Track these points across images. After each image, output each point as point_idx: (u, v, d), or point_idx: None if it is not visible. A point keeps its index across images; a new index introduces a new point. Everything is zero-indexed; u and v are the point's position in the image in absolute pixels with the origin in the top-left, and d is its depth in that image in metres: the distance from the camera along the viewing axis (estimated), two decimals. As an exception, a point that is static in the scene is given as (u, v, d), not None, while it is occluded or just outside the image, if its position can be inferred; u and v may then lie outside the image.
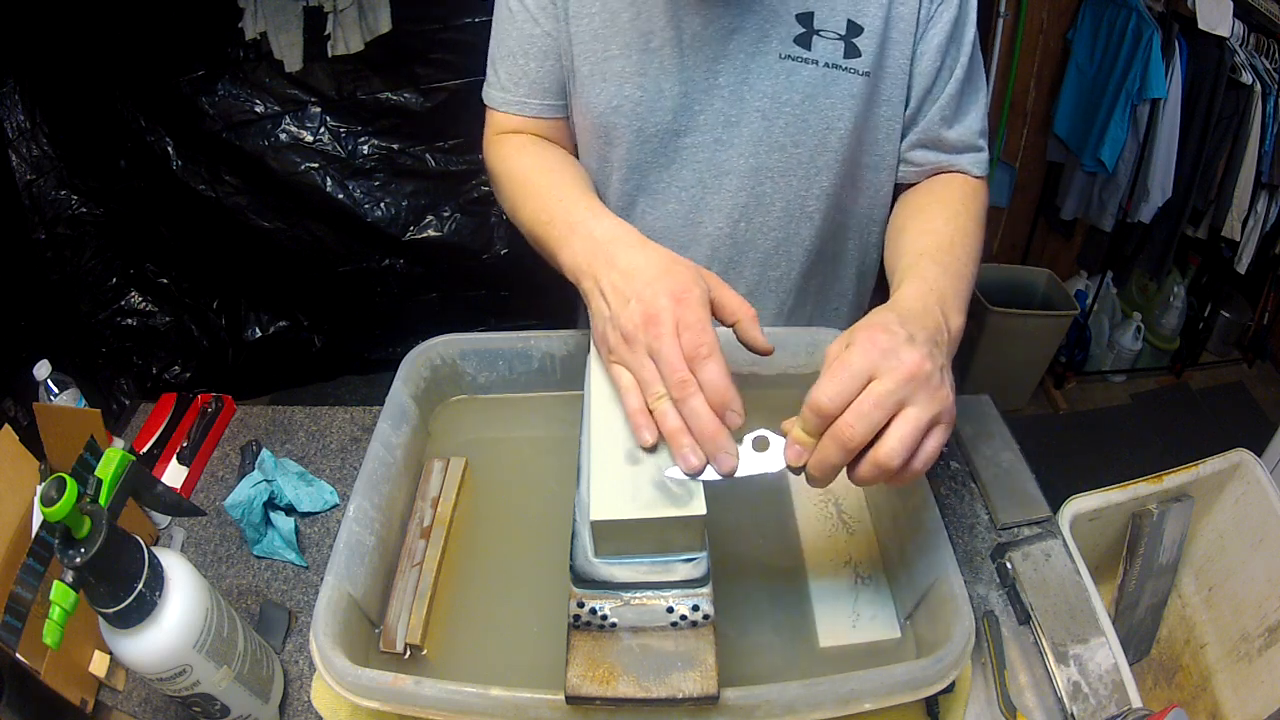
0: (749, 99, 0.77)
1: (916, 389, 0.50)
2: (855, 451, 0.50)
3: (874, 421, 0.50)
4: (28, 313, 1.90)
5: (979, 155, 0.82)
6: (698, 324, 0.54)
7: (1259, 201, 2.15)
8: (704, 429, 0.52)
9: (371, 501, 0.68)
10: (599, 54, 0.77)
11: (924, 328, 0.55)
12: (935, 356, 0.53)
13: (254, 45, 1.97)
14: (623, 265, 0.60)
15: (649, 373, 0.55)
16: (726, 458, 0.52)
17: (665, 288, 0.56)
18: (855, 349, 0.51)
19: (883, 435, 0.50)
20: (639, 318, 0.56)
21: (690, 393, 0.52)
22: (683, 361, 0.53)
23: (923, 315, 0.57)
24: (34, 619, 0.59)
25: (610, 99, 0.78)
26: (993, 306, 2.19)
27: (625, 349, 0.57)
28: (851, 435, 0.50)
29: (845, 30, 0.74)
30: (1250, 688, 0.89)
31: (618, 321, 0.57)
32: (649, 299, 0.56)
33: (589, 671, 0.50)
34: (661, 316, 0.55)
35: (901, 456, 0.50)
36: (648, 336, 0.55)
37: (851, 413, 0.50)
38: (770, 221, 0.83)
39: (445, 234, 2.25)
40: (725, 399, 0.52)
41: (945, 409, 0.52)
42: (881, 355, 0.51)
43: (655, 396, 0.54)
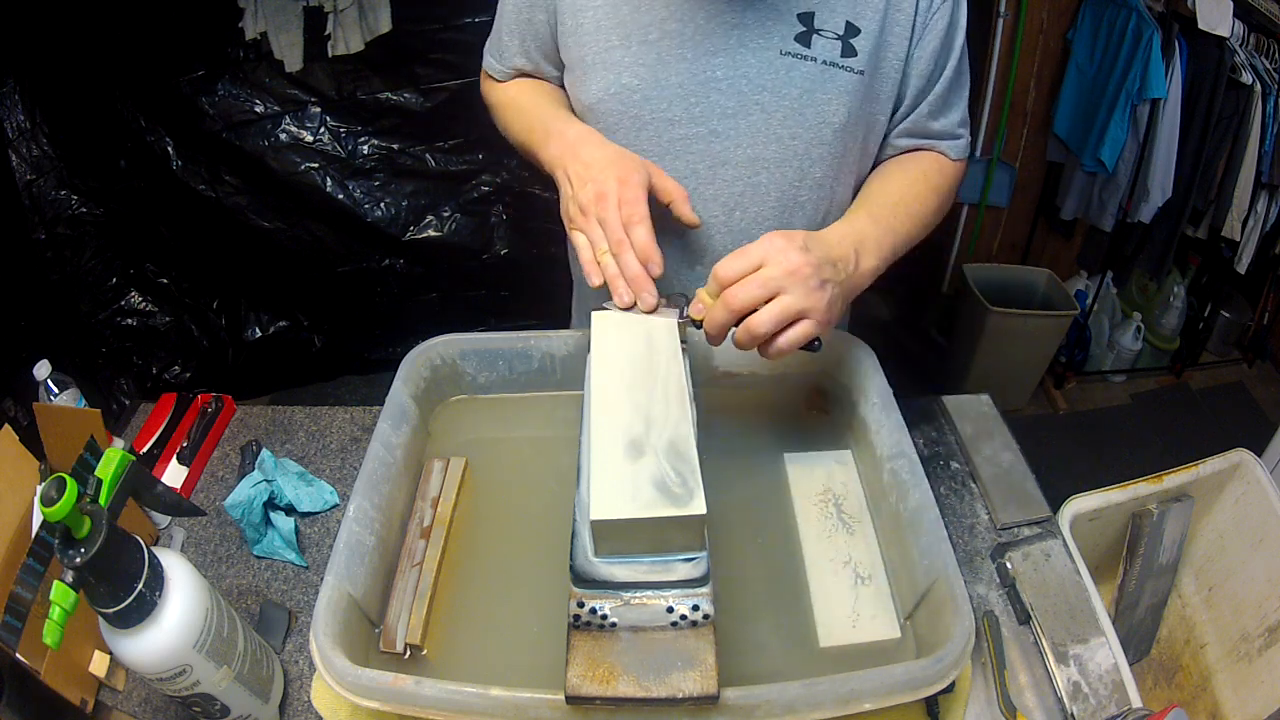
0: (748, 92, 0.79)
1: (795, 283, 0.64)
2: (737, 314, 0.65)
3: (753, 295, 0.64)
4: (28, 313, 1.90)
5: (957, 142, 0.87)
6: (634, 200, 0.70)
7: (1259, 201, 2.15)
8: (633, 275, 0.69)
9: (371, 501, 0.68)
10: (601, 45, 0.80)
11: (825, 248, 0.69)
12: (823, 270, 0.66)
13: (254, 45, 1.97)
14: (584, 157, 0.75)
15: (597, 234, 0.71)
16: (648, 297, 0.69)
17: (614, 173, 0.72)
18: (760, 242, 0.66)
19: (759, 310, 0.64)
20: (592, 195, 0.72)
21: (625, 249, 0.69)
22: (620, 227, 0.69)
23: (833, 245, 0.70)
24: (34, 619, 0.59)
25: (608, 87, 0.81)
26: (993, 306, 2.19)
27: (582, 218, 0.73)
28: (734, 300, 0.64)
29: (844, 31, 0.77)
30: (1250, 688, 0.89)
31: (577, 198, 0.73)
32: (600, 181, 0.72)
33: (589, 671, 0.50)
34: (608, 194, 0.71)
35: (766, 327, 0.64)
36: (597, 208, 0.71)
37: (739, 285, 0.65)
38: (765, 211, 0.84)
39: (445, 234, 2.25)
40: (649, 254, 0.69)
41: (815, 308, 0.65)
42: (775, 251, 0.65)
43: (601, 252, 0.70)
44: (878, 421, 0.77)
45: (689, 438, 0.58)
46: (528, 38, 0.88)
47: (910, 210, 0.80)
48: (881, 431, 0.76)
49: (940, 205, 0.85)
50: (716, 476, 0.66)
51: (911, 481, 0.69)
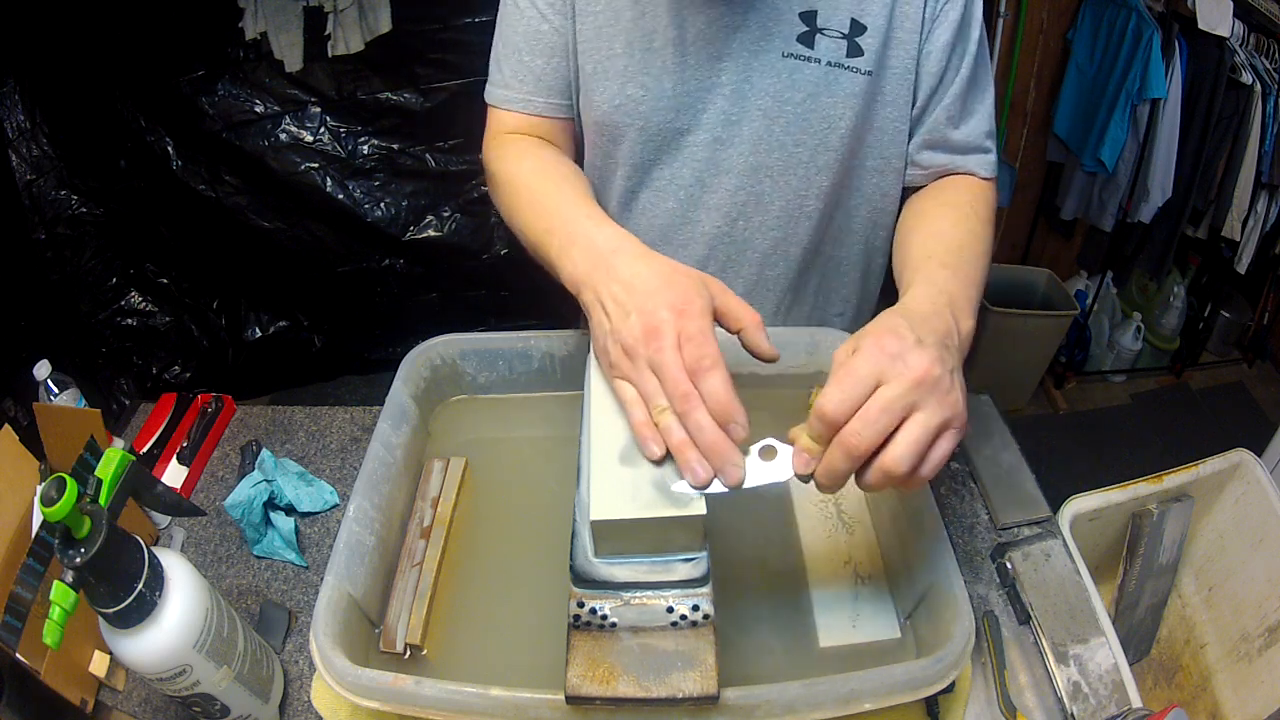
0: (751, 97, 0.77)
1: (926, 394, 0.50)
2: (863, 459, 0.50)
3: (882, 429, 0.49)
4: (28, 313, 1.90)
5: (986, 157, 0.81)
6: (699, 335, 0.54)
7: (1259, 201, 2.15)
8: (709, 442, 0.51)
9: (371, 501, 0.68)
10: (602, 52, 0.78)
11: (933, 331, 0.55)
12: (945, 360, 0.52)
13: (254, 45, 1.97)
14: (624, 276, 0.59)
15: (651, 386, 0.54)
16: (734, 470, 0.51)
17: (666, 299, 0.56)
18: (862, 354, 0.51)
19: (890, 441, 0.49)
20: (640, 330, 0.55)
21: (693, 406, 0.52)
22: (684, 375, 0.53)
23: (932, 318, 0.57)
24: (34, 619, 0.59)
25: (613, 97, 0.78)
26: (993, 306, 2.19)
27: (627, 363, 0.56)
28: (859, 443, 0.49)
29: (849, 29, 0.74)
30: (1250, 688, 0.89)
31: (619, 335, 0.57)
32: (650, 311, 0.55)
33: (589, 671, 0.50)
34: (663, 329, 0.54)
35: (908, 463, 0.49)
36: (649, 350, 0.54)
37: (859, 420, 0.49)
38: (769, 221, 0.83)
39: (445, 234, 2.25)
40: (729, 412, 0.52)
41: (956, 414, 0.51)
42: (890, 360, 0.50)
43: (659, 410, 0.54)
44: (878, 421, 0.77)
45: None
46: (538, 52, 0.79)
47: (976, 252, 0.70)
48: (881, 431, 0.76)
49: (992, 236, 0.76)
50: (716, 476, 0.66)
51: (911, 481, 0.69)
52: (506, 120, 0.84)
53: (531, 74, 0.81)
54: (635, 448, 0.56)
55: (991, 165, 0.81)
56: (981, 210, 0.76)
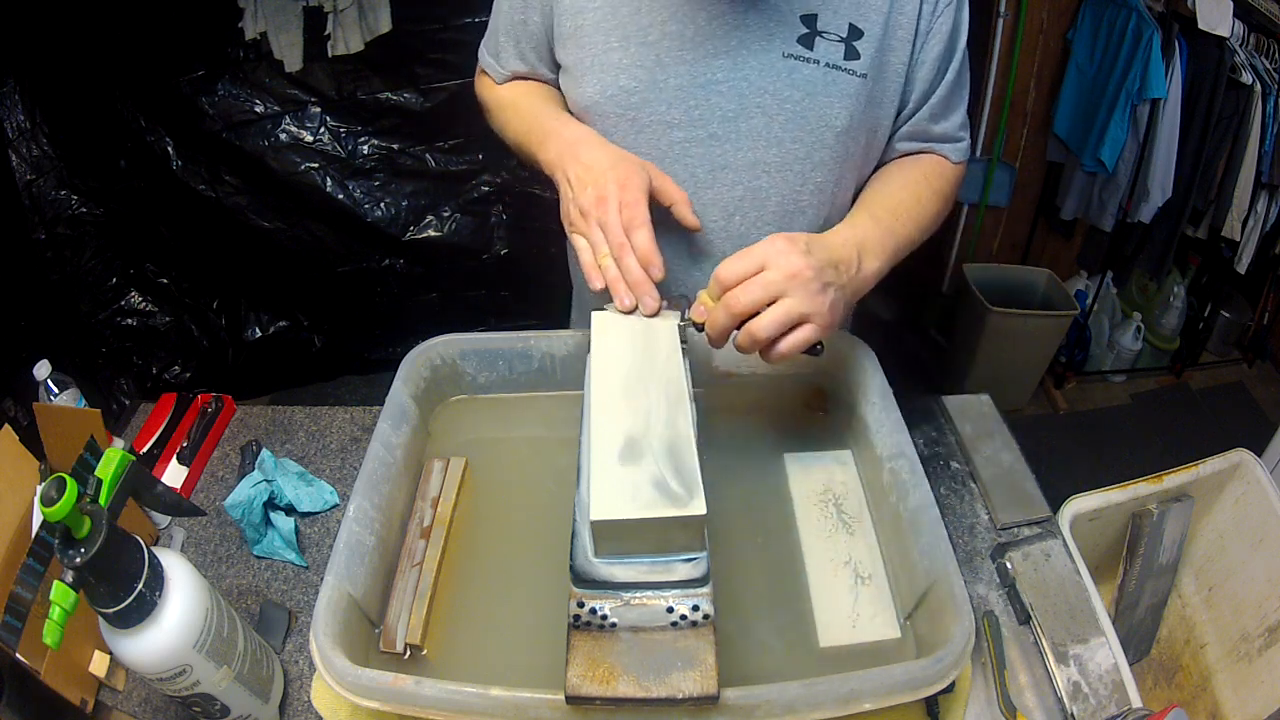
0: (749, 95, 0.78)
1: (796, 286, 0.64)
2: (738, 318, 0.65)
3: (754, 297, 0.63)
4: (28, 313, 1.90)
5: (958, 145, 0.87)
6: (634, 203, 0.70)
7: (1259, 201, 2.15)
8: (634, 278, 0.69)
9: (371, 501, 0.68)
10: (599, 45, 0.79)
11: (829, 251, 0.68)
12: (824, 273, 0.66)
13: (254, 45, 1.97)
14: (584, 159, 0.74)
15: (598, 237, 0.71)
16: (650, 300, 0.69)
17: (614, 176, 0.71)
18: (761, 244, 0.65)
19: (761, 313, 0.64)
20: (592, 198, 0.71)
21: (626, 253, 0.69)
22: (621, 230, 0.69)
23: (836, 247, 0.70)
24: (34, 619, 0.59)
25: (606, 88, 0.80)
26: (993, 306, 2.19)
27: (582, 221, 0.72)
28: (735, 303, 0.64)
29: (847, 33, 0.76)
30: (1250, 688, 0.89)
31: (578, 201, 0.73)
32: (601, 184, 0.71)
33: (589, 671, 0.50)
34: (608, 197, 0.70)
35: (768, 332, 0.64)
36: (598, 212, 0.71)
37: (740, 288, 0.64)
38: (765, 215, 0.84)
39: (445, 234, 2.25)
40: (650, 258, 0.69)
41: (818, 312, 0.65)
42: (777, 253, 0.64)
43: (602, 255, 0.70)
44: (878, 421, 0.77)
45: (689, 438, 0.58)
46: (522, 40, 0.87)
47: (912, 213, 0.80)
48: (881, 431, 0.76)
49: (941, 208, 0.85)
50: (716, 476, 0.67)
51: (911, 481, 0.69)
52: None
53: (517, 54, 0.89)
54: (635, 448, 0.56)
55: (962, 151, 0.88)
56: (935, 182, 0.85)
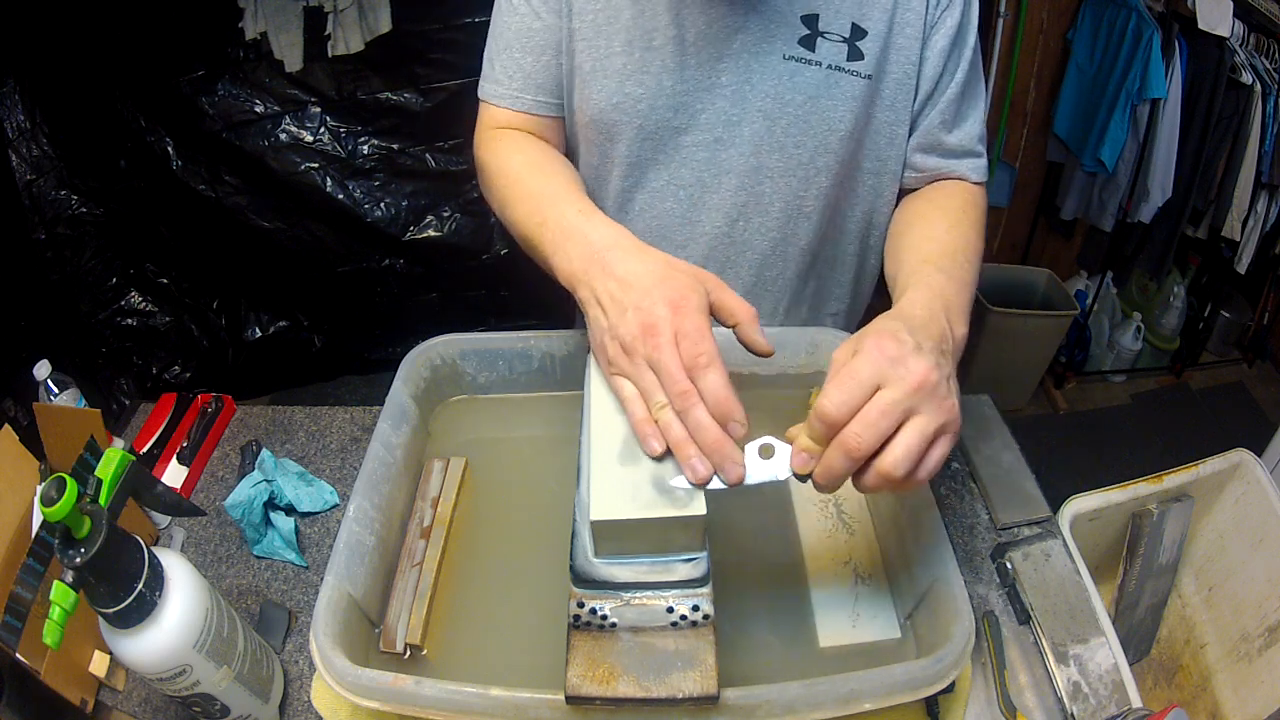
0: (751, 99, 0.77)
1: (924, 399, 0.50)
2: (862, 460, 0.50)
3: (881, 431, 0.49)
4: (28, 313, 1.90)
5: (978, 161, 0.83)
6: (696, 332, 0.54)
7: (1259, 201, 2.15)
8: (708, 440, 0.52)
9: (371, 501, 0.68)
10: (601, 50, 0.77)
11: (930, 336, 0.55)
12: (942, 366, 0.53)
13: (254, 45, 1.97)
14: (619, 273, 0.59)
15: (649, 383, 0.54)
16: (734, 467, 0.52)
17: (663, 296, 0.56)
18: (863, 356, 0.51)
19: (888, 445, 0.50)
20: (637, 328, 0.55)
21: (692, 403, 0.52)
22: (683, 371, 0.53)
23: (929, 323, 0.57)
24: (34, 619, 0.59)
25: (611, 95, 0.78)
26: (993, 306, 2.19)
27: (625, 360, 0.56)
28: (858, 445, 0.49)
29: (849, 33, 0.75)
30: (1250, 688, 0.89)
31: (616, 332, 0.57)
32: (647, 308, 0.55)
33: (589, 671, 0.50)
34: (660, 326, 0.54)
35: (906, 466, 0.50)
36: (646, 347, 0.54)
37: (858, 422, 0.49)
38: (769, 222, 0.83)
39: (445, 234, 2.25)
40: (727, 409, 0.52)
41: (951, 419, 0.52)
42: (889, 364, 0.50)
43: (658, 407, 0.54)
44: (878, 421, 0.77)
45: (689, 438, 0.57)
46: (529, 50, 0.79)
47: (969, 257, 0.71)
48: (881, 431, 0.76)
49: (983, 241, 0.77)
50: (716, 476, 0.66)
51: (911, 481, 0.69)
52: (496, 115, 0.84)
53: (521, 71, 0.81)
54: (635, 448, 0.56)
55: (983, 170, 0.83)
56: (973, 215, 0.78)
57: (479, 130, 0.85)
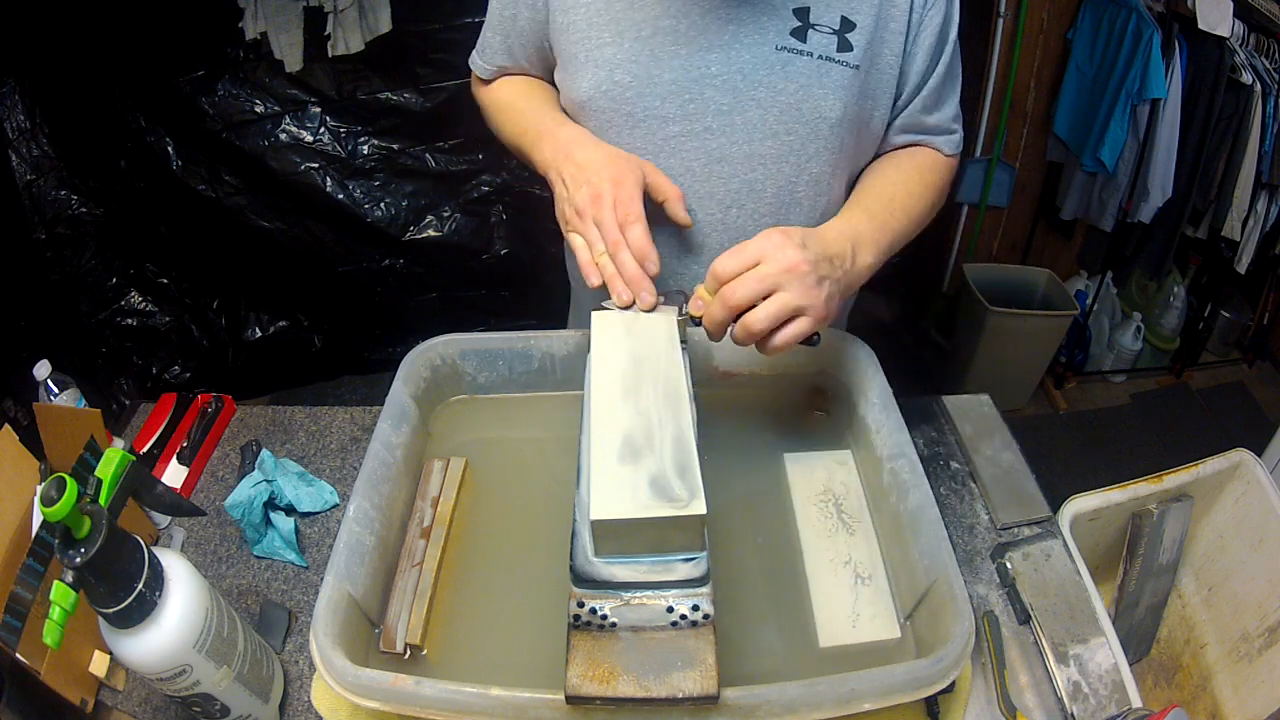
0: (743, 88, 0.78)
1: (792, 280, 0.64)
2: (735, 311, 0.65)
3: (751, 291, 0.64)
4: (28, 313, 1.90)
5: (951, 137, 0.88)
6: (629, 200, 0.71)
7: (1259, 201, 2.15)
8: (630, 274, 0.69)
9: (371, 501, 0.68)
10: (592, 41, 0.79)
11: (823, 245, 0.69)
12: (820, 266, 0.66)
13: (254, 45, 1.97)
14: (578, 159, 0.75)
15: (594, 235, 0.71)
16: (646, 295, 0.69)
17: (608, 174, 0.72)
18: (758, 239, 0.66)
19: (757, 306, 0.64)
20: (587, 196, 0.72)
21: (621, 249, 0.69)
22: (616, 227, 0.70)
23: (830, 242, 0.71)
24: (34, 619, 0.59)
25: (600, 84, 0.80)
26: (993, 306, 2.19)
27: (578, 220, 0.73)
28: (731, 296, 0.65)
29: (839, 25, 0.77)
30: (1250, 688, 0.89)
31: (573, 200, 0.74)
32: (595, 183, 0.72)
33: (589, 671, 0.50)
34: (603, 195, 0.71)
35: (763, 324, 0.64)
36: (593, 210, 0.71)
37: (736, 281, 0.65)
38: (762, 208, 0.84)
39: (445, 234, 2.25)
40: (645, 253, 0.69)
41: (813, 305, 0.65)
42: (773, 247, 0.65)
43: (598, 253, 0.71)
44: (878, 421, 0.77)
45: (689, 437, 0.58)
46: (510, 35, 0.88)
47: (905, 207, 0.81)
48: (881, 431, 0.76)
49: (935, 201, 0.86)
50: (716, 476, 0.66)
51: (911, 481, 0.69)
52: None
53: (504, 50, 0.90)
54: (635, 448, 0.56)
55: (955, 143, 0.89)
56: (928, 175, 0.86)
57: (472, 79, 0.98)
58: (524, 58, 0.89)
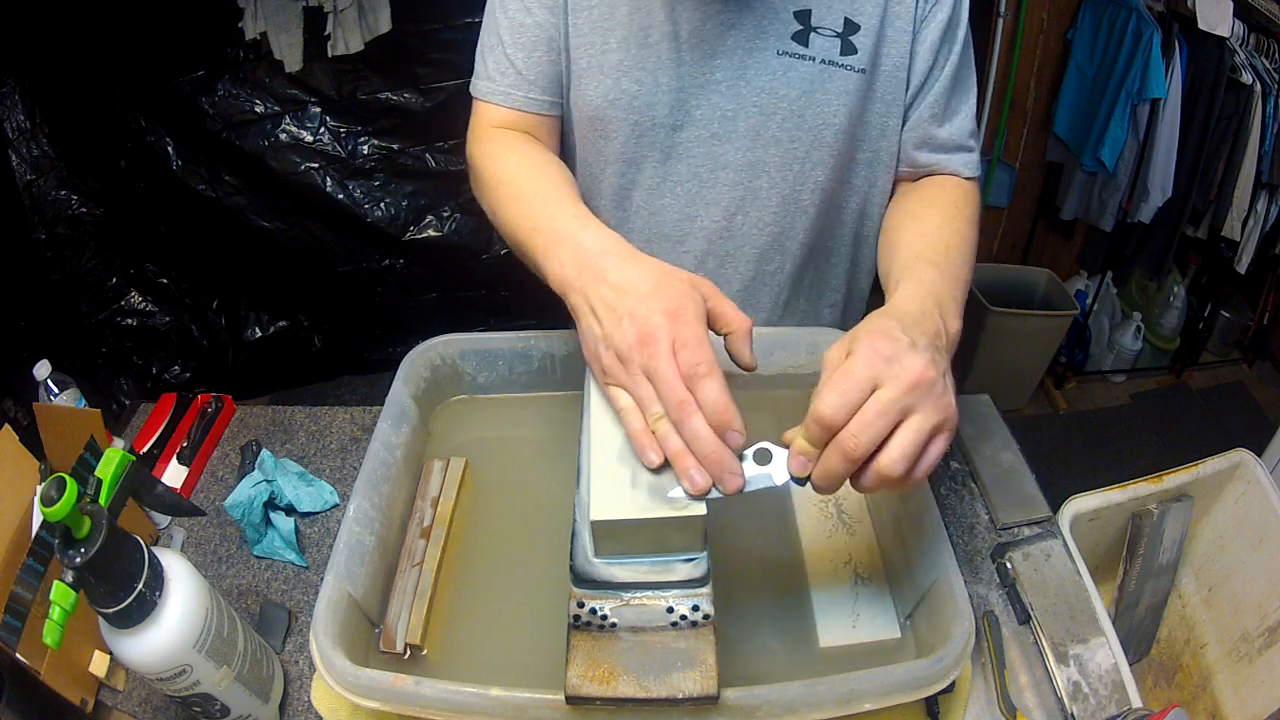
0: (746, 94, 0.78)
1: (921, 397, 0.50)
2: (860, 461, 0.50)
3: (878, 432, 0.49)
4: (28, 313, 1.90)
5: (970, 156, 0.82)
6: (694, 341, 0.53)
7: (1259, 201, 2.15)
8: (706, 450, 0.51)
9: (371, 501, 0.68)
10: (597, 47, 0.78)
11: (924, 333, 0.55)
12: (938, 363, 0.52)
13: (254, 45, 1.97)
14: (614, 279, 0.57)
15: (646, 393, 0.53)
16: (732, 478, 0.51)
17: (659, 304, 0.54)
18: (857, 357, 0.51)
19: (886, 444, 0.50)
20: (633, 337, 0.54)
21: (690, 413, 0.51)
22: (680, 382, 0.52)
23: (922, 320, 0.57)
24: (34, 619, 0.59)
25: (606, 92, 0.79)
26: (993, 306, 2.19)
27: (621, 370, 0.55)
28: (856, 446, 0.49)
29: (842, 28, 0.75)
30: (1250, 688, 0.89)
31: (611, 341, 0.56)
32: (643, 316, 0.54)
33: (589, 671, 0.50)
34: (657, 335, 0.53)
35: (904, 466, 0.49)
36: (643, 356, 0.53)
37: (856, 423, 0.49)
38: (765, 216, 0.84)
39: (445, 234, 2.25)
40: (726, 419, 0.51)
41: (948, 416, 0.51)
42: (885, 363, 0.50)
43: (655, 417, 0.53)
44: (878, 421, 0.77)
45: (689, 438, 0.57)
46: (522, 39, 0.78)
47: (962, 254, 0.71)
48: (881, 431, 0.76)
49: (976, 236, 0.76)
50: (716, 476, 0.66)
51: (911, 481, 0.69)
52: (491, 114, 0.82)
53: (513, 68, 0.80)
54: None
55: (975, 165, 0.83)
56: (967, 211, 0.77)
57: (472, 130, 0.84)
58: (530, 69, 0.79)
